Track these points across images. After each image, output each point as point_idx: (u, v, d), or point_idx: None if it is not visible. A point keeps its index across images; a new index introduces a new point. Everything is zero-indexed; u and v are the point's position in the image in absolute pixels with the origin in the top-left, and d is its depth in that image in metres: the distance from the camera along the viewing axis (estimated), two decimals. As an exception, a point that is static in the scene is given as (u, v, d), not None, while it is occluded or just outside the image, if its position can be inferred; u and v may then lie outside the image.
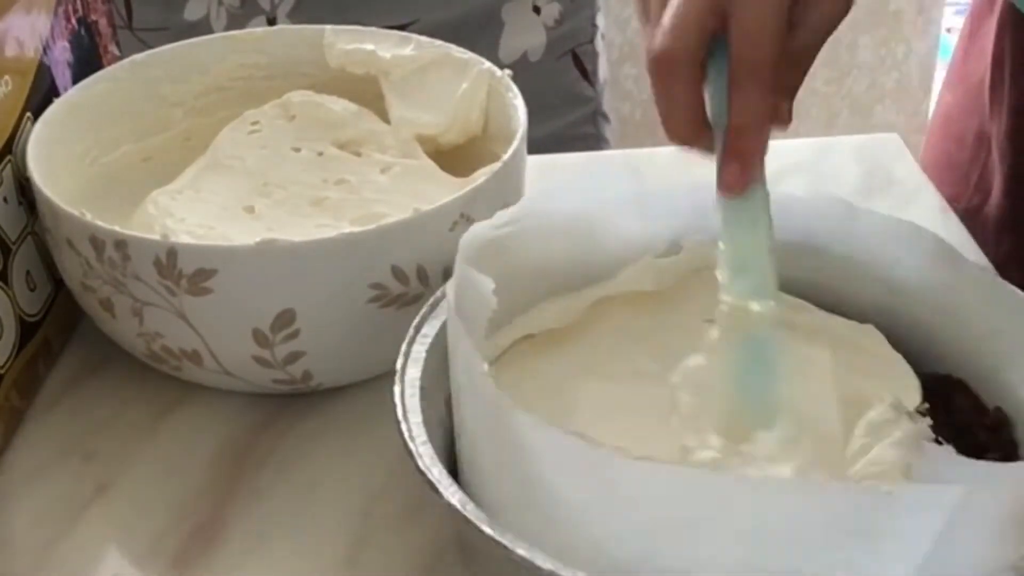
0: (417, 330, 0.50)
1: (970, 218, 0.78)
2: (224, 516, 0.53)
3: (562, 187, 0.52)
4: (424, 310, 0.51)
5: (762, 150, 0.47)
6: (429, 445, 0.45)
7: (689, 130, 0.47)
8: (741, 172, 0.47)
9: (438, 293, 0.51)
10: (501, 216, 0.50)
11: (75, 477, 0.55)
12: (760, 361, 0.48)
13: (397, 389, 0.47)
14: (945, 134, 0.86)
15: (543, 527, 0.42)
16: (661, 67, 0.46)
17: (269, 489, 0.55)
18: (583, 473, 0.40)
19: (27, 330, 0.58)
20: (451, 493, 0.42)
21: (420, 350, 0.49)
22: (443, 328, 0.49)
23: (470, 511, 0.41)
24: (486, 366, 0.43)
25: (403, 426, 0.45)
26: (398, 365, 0.48)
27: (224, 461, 0.56)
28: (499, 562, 0.40)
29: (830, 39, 0.49)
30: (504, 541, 0.40)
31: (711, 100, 0.47)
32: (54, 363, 0.62)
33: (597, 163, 0.84)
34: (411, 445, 0.44)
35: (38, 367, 0.60)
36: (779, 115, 0.48)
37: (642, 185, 0.54)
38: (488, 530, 0.40)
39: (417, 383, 0.47)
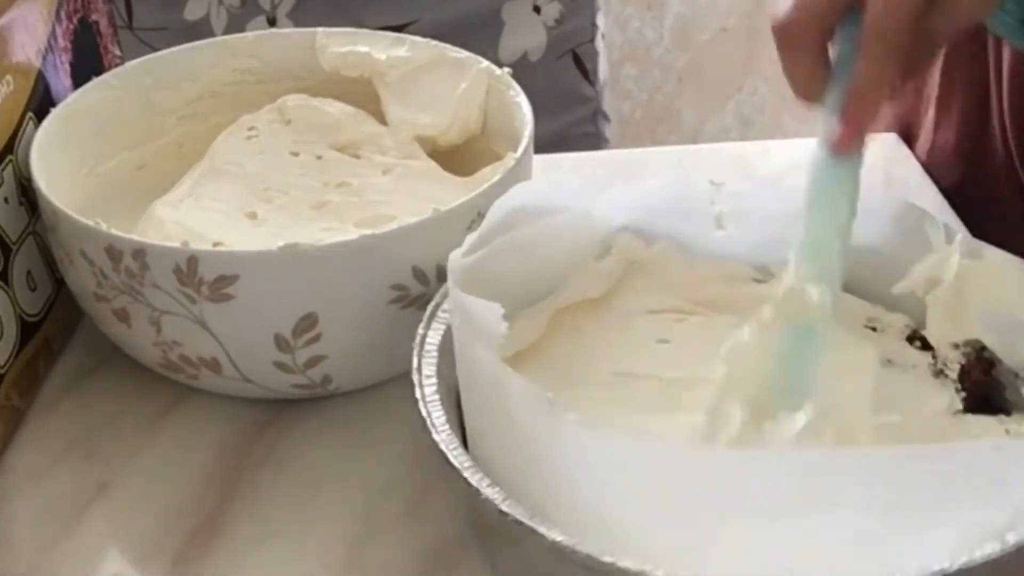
0: (428, 327, 0.50)
1: None
2: (224, 516, 0.53)
3: (518, 203, 0.52)
4: (431, 308, 0.51)
5: (874, 118, 0.47)
6: (453, 437, 0.45)
7: (812, 91, 0.48)
8: (852, 135, 0.47)
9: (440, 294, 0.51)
10: (470, 239, 0.50)
11: (76, 476, 0.55)
12: (804, 349, 0.48)
13: (416, 386, 0.47)
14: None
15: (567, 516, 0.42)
16: (783, 38, 0.47)
17: (269, 489, 0.55)
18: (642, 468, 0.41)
19: (27, 330, 0.58)
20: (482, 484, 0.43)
21: (432, 346, 0.49)
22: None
23: (508, 505, 0.42)
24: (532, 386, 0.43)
25: (427, 422, 0.46)
26: (414, 363, 0.48)
27: (224, 461, 0.56)
28: (534, 550, 0.41)
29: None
30: (545, 531, 0.40)
31: (835, 63, 0.48)
32: (54, 363, 0.62)
33: (590, 163, 0.84)
34: (436, 436, 0.45)
35: (38, 367, 0.60)
36: (895, 90, 0.48)
37: (587, 192, 0.54)
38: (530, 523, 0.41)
39: (434, 380, 0.48)
